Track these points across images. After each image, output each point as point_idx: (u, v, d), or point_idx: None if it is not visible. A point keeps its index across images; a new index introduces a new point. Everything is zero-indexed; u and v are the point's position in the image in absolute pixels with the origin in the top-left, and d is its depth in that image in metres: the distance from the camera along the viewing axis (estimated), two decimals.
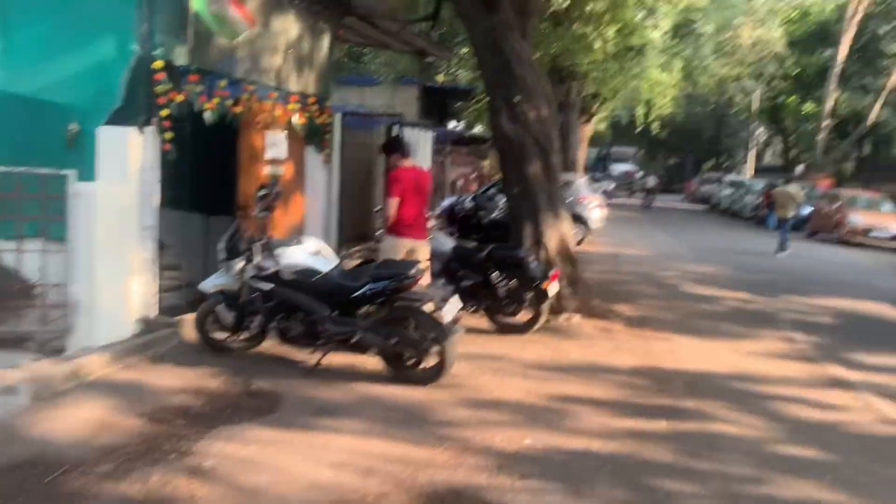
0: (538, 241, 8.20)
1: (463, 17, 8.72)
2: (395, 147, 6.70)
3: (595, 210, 16.51)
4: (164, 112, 6.21)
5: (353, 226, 10.35)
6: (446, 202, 12.82)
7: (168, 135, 6.26)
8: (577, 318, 7.83)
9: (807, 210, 21.06)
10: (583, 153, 29.47)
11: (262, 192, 5.73)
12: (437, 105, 30.45)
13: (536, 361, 6.32)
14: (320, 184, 9.26)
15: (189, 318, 6.15)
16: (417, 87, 28.93)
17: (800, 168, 32.46)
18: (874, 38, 30.58)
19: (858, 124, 30.98)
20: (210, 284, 5.71)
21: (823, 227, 21.40)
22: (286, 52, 8.18)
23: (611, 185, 33.87)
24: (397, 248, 6.30)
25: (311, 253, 5.42)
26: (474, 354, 6.30)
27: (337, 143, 9.46)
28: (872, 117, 29.29)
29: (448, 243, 7.33)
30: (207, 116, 6.78)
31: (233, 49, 7.24)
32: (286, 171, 8.69)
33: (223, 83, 6.99)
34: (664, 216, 28.33)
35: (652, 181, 32.73)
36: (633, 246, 16.62)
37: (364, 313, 5.41)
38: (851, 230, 20.22)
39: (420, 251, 6.43)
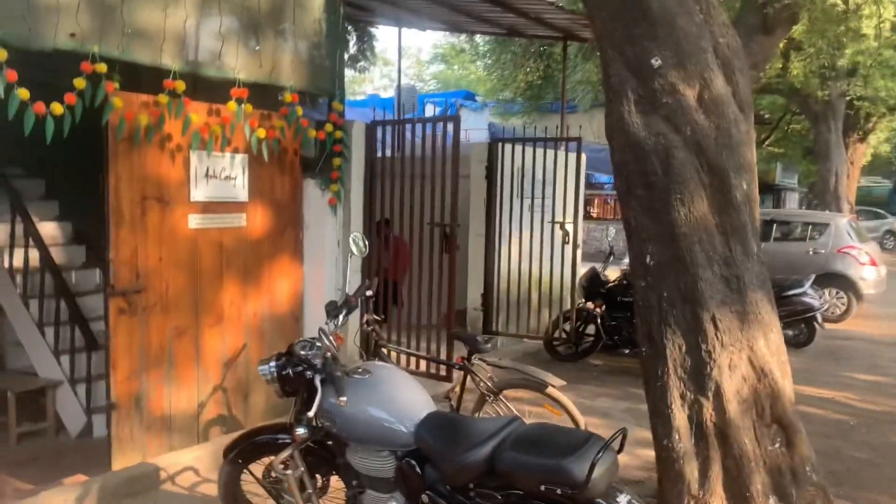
0: (699, 379, 3.55)
1: None
2: None
3: (867, 267, 10.72)
4: None
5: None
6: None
7: None
8: None
9: None
10: (852, 182, 22.29)
11: None
12: None
13: None
14: (327, 241, 5.43)
15: None
16: None
17: None
18: None
19: None
20: None
21: None
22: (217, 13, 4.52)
23: None
24: None
25: None
26: None
27: (357, 172, 5.56)
28: None
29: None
30: None
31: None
32: (249, 223, 5.02)
33: (2, 54, 3.53)
34: None
35: None
36: None
37: None
38: None
39: None
